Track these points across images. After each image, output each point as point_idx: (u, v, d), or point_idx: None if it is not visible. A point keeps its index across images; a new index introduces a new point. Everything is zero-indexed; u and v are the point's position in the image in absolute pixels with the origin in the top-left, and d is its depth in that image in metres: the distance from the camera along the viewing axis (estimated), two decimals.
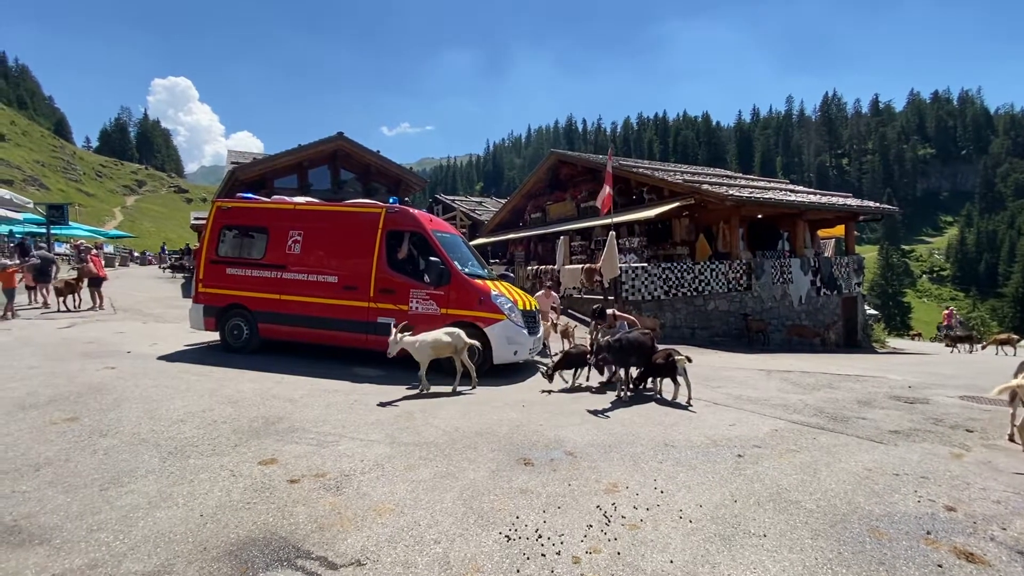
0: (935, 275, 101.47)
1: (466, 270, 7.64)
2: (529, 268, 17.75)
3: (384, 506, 3.02)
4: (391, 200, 8.15)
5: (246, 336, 7.91)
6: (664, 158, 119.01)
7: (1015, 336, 16.11)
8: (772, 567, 2.52)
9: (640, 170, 17.69)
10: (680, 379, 5.89)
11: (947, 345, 16.31)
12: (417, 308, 7.34)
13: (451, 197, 36.61)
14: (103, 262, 14.70)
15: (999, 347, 15.53)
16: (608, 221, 13.70)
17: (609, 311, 7.45)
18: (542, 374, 6.78)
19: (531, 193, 23.62)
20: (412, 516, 2.92)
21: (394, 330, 5.84)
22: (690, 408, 5.64)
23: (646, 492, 3.33)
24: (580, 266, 15.01)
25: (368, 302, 7.45)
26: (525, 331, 7.46)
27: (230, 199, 8.49)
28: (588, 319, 13.34)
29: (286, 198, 8.62)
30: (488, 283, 7.67)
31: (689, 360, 6.09)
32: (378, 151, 21.41)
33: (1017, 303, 56.84)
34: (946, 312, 24.55)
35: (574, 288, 14.66)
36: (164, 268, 26.90)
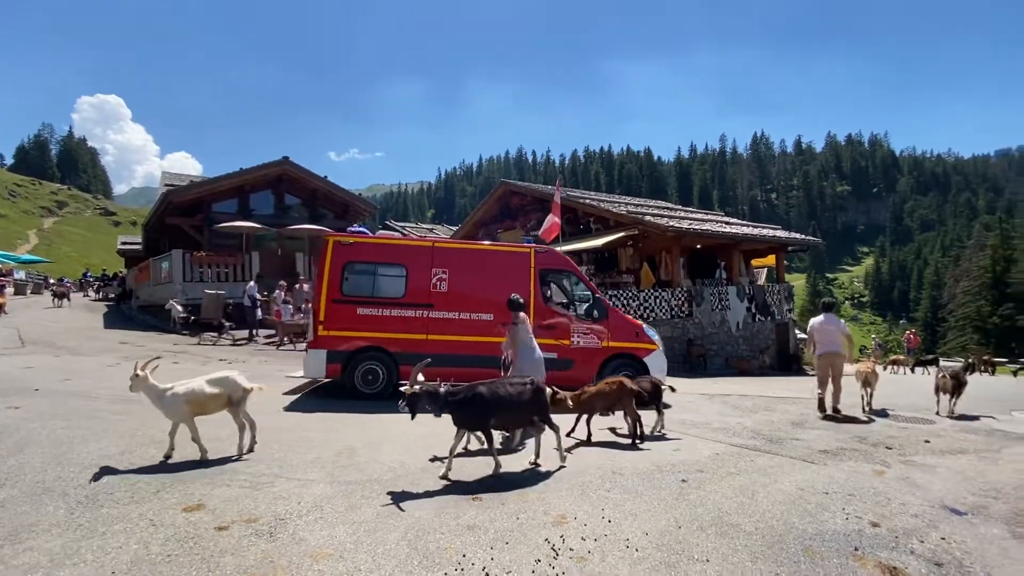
0: (856, 301, 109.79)
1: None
2: None
3: (322, 551, 2.85)
4: (525, 240, 8.64)
5: (384, 380, 7.33)
6: (610, 190, 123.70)
7: (902, 357, 18.63)
8: None
9: (587, 201, 18.28)
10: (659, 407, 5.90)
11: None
12: (579, 342, 7.76)
13: (401, 223, 36.20)
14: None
15: (894, 366, 17.45)
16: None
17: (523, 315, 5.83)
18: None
19: (482, 221, 23.80)
20: (352, 561, 2.77)
21: (137, 368, 4.15)
22: (667, 437, 5.70)
23: (594, 522, 3.33)
24: None
25: None
26: (665, 360, 8.18)
27: (347, 234, 8.07)
28: None
29: (392, 232, 8.60)
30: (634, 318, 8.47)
31: (673, 389, 6.18)
32: (325, 176, 21.04)
33: (927, 327, 62.52)
34: (909, 333, 26.76)
35: None
36: (52, 293, 24.51)
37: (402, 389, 4.05)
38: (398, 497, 3.64)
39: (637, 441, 5.32)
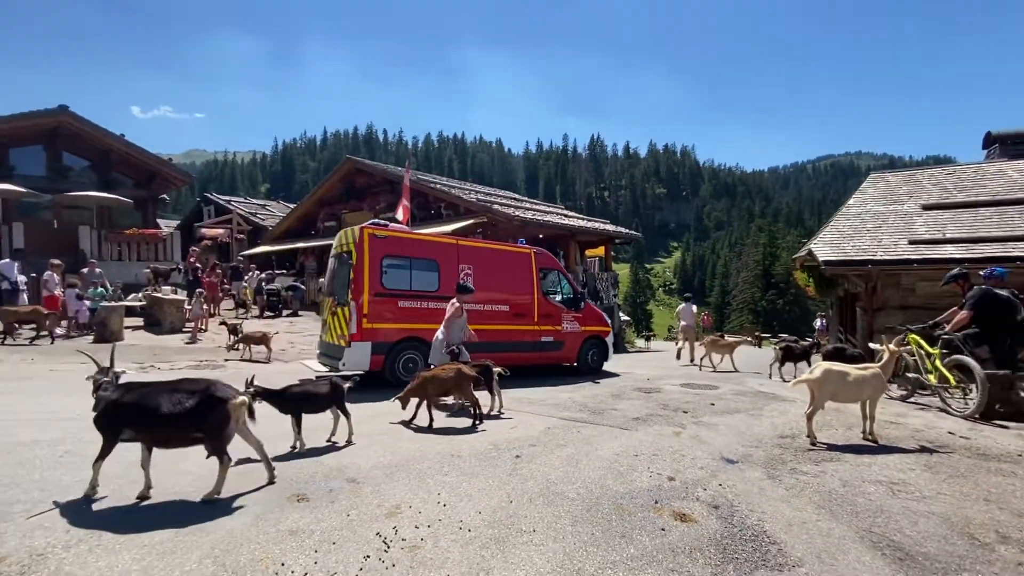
0: (667, 288, 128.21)
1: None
2: (322, 280, 16.50)
3: None
4: (520, 242, 10.05)
5: (422, 368, 7.18)
6: (463, 177, 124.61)
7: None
8: (538, 559, 2.73)
9: (438, 186, 18.15)
10: (495, 389, 6.15)
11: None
12: (567, 328, 9.56)
13: (226, 197, 31.89)
14: None
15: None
16: None
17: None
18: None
19: (325, 200, 22.14)
20: None
21: None
22: (502, 416, 5.92)
23: (429, 508, 3.31)
24: None
25: (534, 325, 9.17)
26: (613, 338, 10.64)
27: (379, 227, 8.23)
28: None
29: (400, 226, 9.20)
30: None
31: (504, 373, 6.40)
32: (122, 135, 17.48)
33: (718, 310, 76.62)
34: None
35: None
36: None
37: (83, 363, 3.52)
38: (205, 510, 3.19)
39: (476, 423, 5.46)
